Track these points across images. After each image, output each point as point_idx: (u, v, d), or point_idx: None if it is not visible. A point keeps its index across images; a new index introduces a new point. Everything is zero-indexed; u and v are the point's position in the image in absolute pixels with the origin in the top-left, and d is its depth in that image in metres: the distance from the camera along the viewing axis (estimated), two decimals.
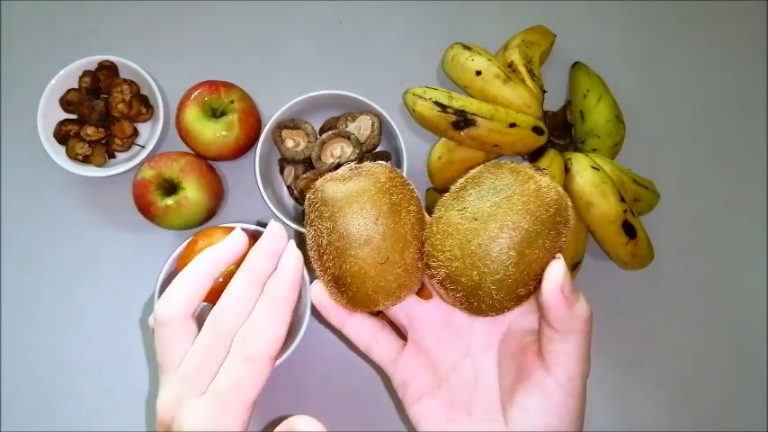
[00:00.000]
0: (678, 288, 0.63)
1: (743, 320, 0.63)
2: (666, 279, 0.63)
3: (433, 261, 0.32)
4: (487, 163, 0.34)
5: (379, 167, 0.34)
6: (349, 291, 0.33)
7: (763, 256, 0.64)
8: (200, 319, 0.34)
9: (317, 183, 0.34)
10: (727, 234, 0.65)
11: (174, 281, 0.34)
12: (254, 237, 0.55)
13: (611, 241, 0.56)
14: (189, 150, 0.61)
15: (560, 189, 0.32)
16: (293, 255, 0.32)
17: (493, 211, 0.30)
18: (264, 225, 0.56)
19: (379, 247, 0.32)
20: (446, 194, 0.34)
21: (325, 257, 0.33)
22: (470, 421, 0.34)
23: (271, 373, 0.31)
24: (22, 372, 0.61)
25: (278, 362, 0.53)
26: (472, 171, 0.34)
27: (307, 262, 0.34)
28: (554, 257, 0.31)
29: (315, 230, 0.33)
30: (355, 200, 0.32)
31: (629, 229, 0.55)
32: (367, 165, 0.34)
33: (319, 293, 0.35)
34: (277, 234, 0.33)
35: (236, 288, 0.33)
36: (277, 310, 0.32)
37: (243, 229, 0.54)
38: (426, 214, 0.35)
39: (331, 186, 0.33)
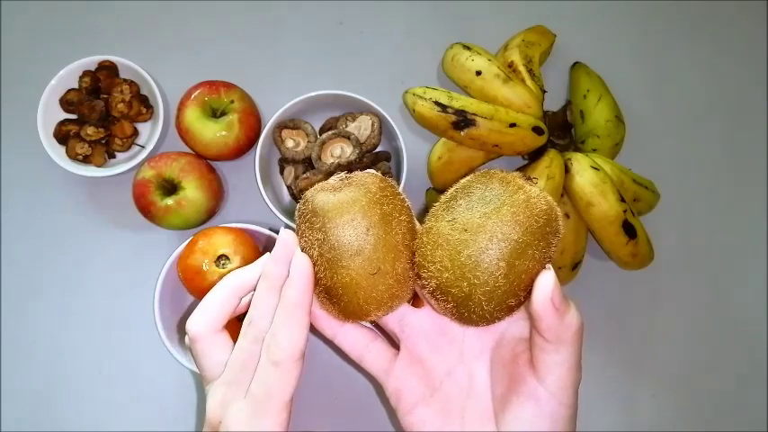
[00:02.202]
0: (678, 288, 0.63)
1: (743, 320, 0.63)
2: (666, 279, 0.63)
3: (424, 272, 0.32)
4: (477, 172, 0.33)
5: (370, 177, 0.34)
6: (341, 302, 0.33)
7: (763, 256, 0.64)
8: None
9: (308, 193, 0.34)
10: (727, 234, 0.65)
11: (204, 298, 0.35)
12: (254, 237, 0.55)
13: (611, 241, 0.56)
14: (189, 150, 0.61)
15: (550, 199, 0.32)
16: (301, 259, 0.33)
17: (482, 222, 0.30)
18: (274, 230, 0.56)
19: (371, 258, 0.32)
20: (436, 204, 0.33)
21: (315, 269, 0.32)
22: (463, 429, 0.34)
23: (301, 372, 0.32)
24: (22, 371, 0.61)
25: None
26: (462, 180, 0.33)
27: None
28: (544, 268, 0.31)
29: (305, 241, 0.33)
30: (346, 210, 0.32)
31: (629, 229, 0.55)
32: (358, 174, 0.34)
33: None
34: (287, 241, 0.34)
35: (258, 296, 0.34)
36: (292, 314, 0.32)
37: (242, 230, 0.54)
38: (417, 223, 0.35)
39: (321, 197, 0.33)
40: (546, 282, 0.30)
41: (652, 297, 0.63)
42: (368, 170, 0.35)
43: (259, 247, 0.55)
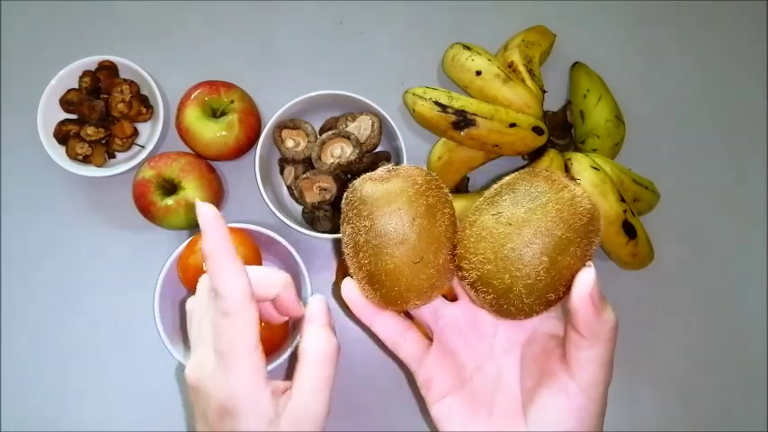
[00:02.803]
0: (678, 288, 0.63)
1: (743, 320, 0.63)
2: (666, 279, 0.63)
3: (465, 263, 0.33)
4: (522, 170, 0.34)
5: (416, 170, 0.34)
6: (383, 288, 0.33)
7: (763, 255, 0.64)
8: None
9: (356, 182, 0.35)
10: (727, 234, 0.65)
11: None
12: (254, 237, 0.55)
13: (611, 241, 0.56)
14: (189, 150, 0.61)
15: (593, 199, 0.32)
16: (204, 209, 0.33)
17: (527, 217, 0.31)
18: (274, 230, 0.56)
19: (415, 247, 0.32)
20: (480, 199, 0.34)
21: (361, 255, 0.33)
22: (491, 422, 0.35)
23: (256, 313, 0.33)
24: (22, 371, 0.61)
25: (278, 361, 0.53)
26: (507, 178, 0.34)
27: (341, 259, 0.35)
28: (585, 265, 0.31)
29: (352, 228, 0.34)
30: (394, 200, 0.33)
31: (629, 229, 0.55)
32: (404, 166, 0.35)
33: (351, 290, 0.36)
34: (208, 215, 0.34)
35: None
36: (218, 263, 0.33)
37: (242, 230, 0.54)
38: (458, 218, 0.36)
39: (370, 186, 0.34)
40: (587, 278, 0.30)
41: (652, 297, 0.63)
42: (411, 164, 0.36)
43: (259, 247, 0.55)
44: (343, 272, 0.51)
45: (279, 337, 0.55)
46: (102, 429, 0.59)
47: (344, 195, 0.35)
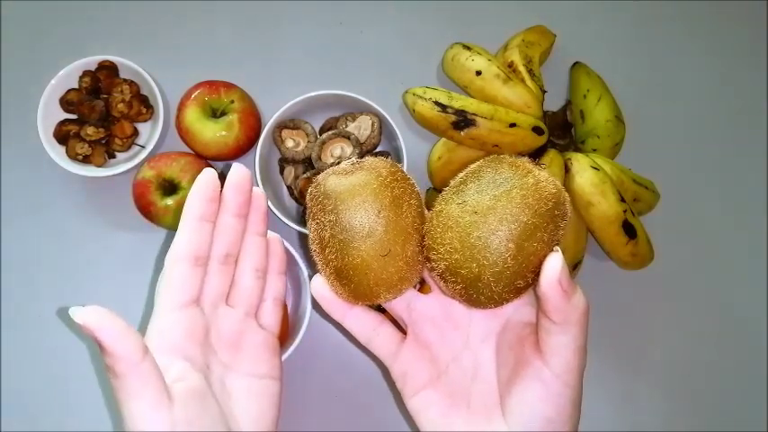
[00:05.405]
0: (678, 288, 0.63)
1: (743, 320, 0.63)
2: (666, 279, 0.63)
3: (433, 254, 0.32)
4: (487, 157, 0.34)
5: (381, 162, 0.34)
6: (351, 283, 0.33)
7: (763, 255, 0.64)
8: None
9: (320, 176, 0.34)
10: (727, 234, 0.65)
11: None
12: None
13: (611, 241, 0.56)
14: (189, 150, 0.61)
15: (558, 183, 0.32)
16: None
17: (492, 205, 0.31)
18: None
19: (382, 240, 0.32)
20: (446, 188, 0.34)
21: (327, 250, 0.33)
22: (469, 413, 0.35)
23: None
24: (22, 371, 0.61)
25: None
26: (472, 165, 0.34)
27: (308, 256, 0.34)
28: (552, 250, 0.31)
29: (317, 223, 0.33)
30: (358, 193, 0.32)
31: (629, 229, 0.55)
32: (368, 159, 0.34)
33: (320, 287, 0.36)
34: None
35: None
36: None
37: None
38: (425, 208, 0.36)
39: (333, 180, 0.33)
40: (554, 263, 0.30)
41: (652, 297, 0.63)
42: (378, 156, 0.36)
43: None
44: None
45: (279, 337, 0.55)
46: (102, 429, 0.59)
47: (309, 191, 0.34)
